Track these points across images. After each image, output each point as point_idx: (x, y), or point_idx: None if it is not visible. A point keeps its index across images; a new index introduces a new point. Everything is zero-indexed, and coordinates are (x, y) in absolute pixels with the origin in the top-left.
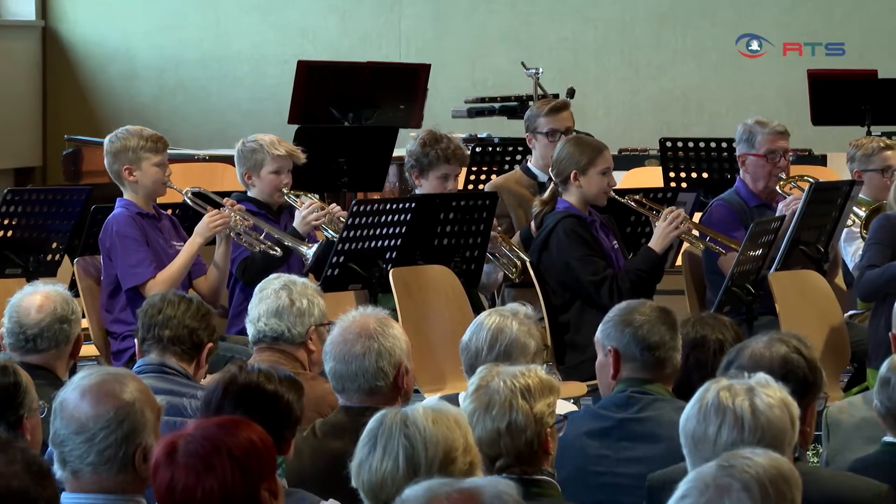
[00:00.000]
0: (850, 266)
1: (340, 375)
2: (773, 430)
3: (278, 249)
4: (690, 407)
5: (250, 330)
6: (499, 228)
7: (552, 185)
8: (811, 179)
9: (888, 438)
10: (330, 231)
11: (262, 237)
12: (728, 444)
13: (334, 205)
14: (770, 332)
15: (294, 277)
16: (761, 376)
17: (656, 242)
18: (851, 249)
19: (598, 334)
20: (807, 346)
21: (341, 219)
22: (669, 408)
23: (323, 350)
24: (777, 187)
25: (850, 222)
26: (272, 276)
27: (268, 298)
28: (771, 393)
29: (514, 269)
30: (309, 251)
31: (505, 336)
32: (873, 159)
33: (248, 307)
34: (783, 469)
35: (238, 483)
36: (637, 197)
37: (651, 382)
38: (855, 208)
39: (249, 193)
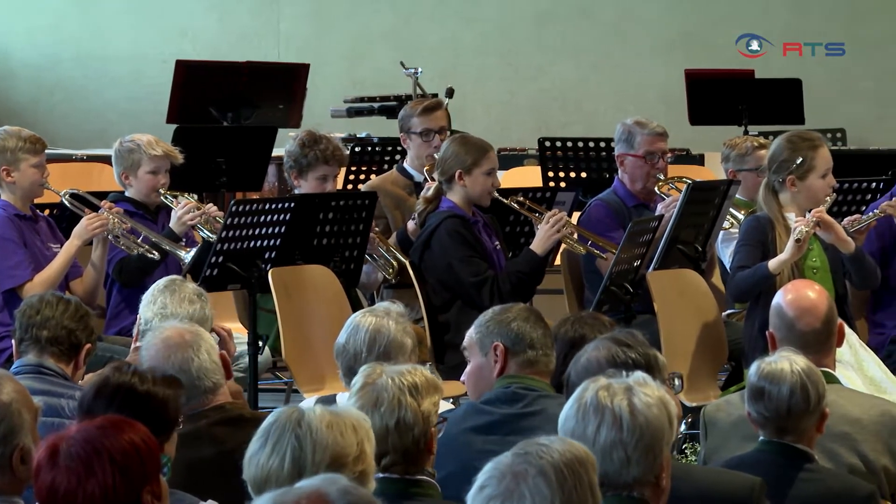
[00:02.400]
0: (728, 267)
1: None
2: (652, 429)
3: (156, 253)
4: (570, 406)
5: (141, 327)
6: (376, 229)
7: (436, 183)
8: (689, 181)
9: (765, 437)
10: (206, 231)
11: (139, 240)
12: (607, 443)
13: (210, 204)
14: (602, 337)
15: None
16: (640, 375)
17: (538, 245)
18: (728, 252)
19: (473, 336)
20: (636, 341)
21: (218, 219)
22: (554, 403)
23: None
24: (655, 188)
25: (727, 224)
26: (175, 276)
27: (185, 301)
28: (649, 392)
29: (390, 270)
30: (187, 256)
31: (383, 336)
32: (748, 159)
33: (142, 304)
34: (578, 453)
35: (119, 487)
36: (520, 198)
37: (536, 378)
38: (732, 209)
39: (127, 193)
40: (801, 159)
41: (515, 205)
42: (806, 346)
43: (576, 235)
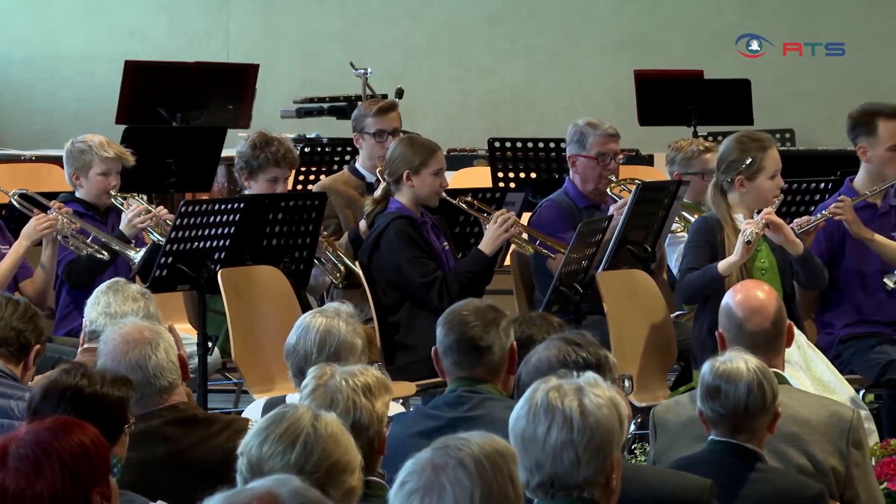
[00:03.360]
0: (675, 270)
1: (138, 383)
2: (602, 430)
3: (105, 253)
4: (520, 407)
5: (86, 328)
6: (324, 233)
7: (384, 184)
8: (639, 181)
9: (715, 437)
10: (156, 234)
11: (89, 241)
12: (558, 444)
13: (161, 207)
14: (553, 338)
15: (128, 282)
16: (590, 375)
17: (486, 245)
18: (675, 256)
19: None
20: (587, 341)
21: (168, 221)
22: (500, 406)
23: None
24: (607, 189)
25: (676, 227)
26: (120, 279)
27: (128, 299)
28: (599, 392)
29: (338, 275)
30: (136, 255)
31: (334, 337)
32: (693, 163)
33: (87, 306)
34: (498, 446)
35: (69, 488)
36: (468, 199)
37: (483, 381)
38: (682, 211)
39: (77, 194)
40: (750, 160)
41: (464, 205)
42: (755, 346)
43: (525, 235)
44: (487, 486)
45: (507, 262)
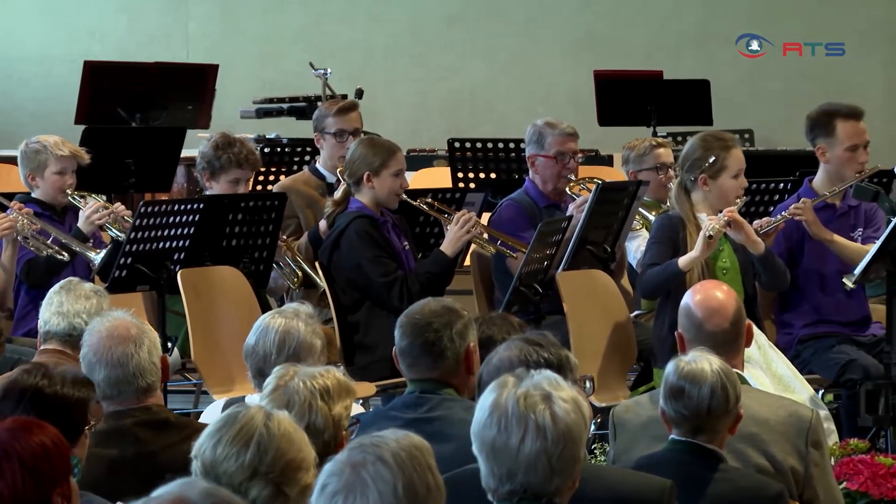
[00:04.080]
0: (634, 264)
1: (117, 380)
2: (573, 436)
3: (65, 254)
4: (486, 414)
5: (41, 329)
6: (283, 237)
7: (344, 185)
8: (599, 181)
9: (675, 437)
10: (115, 230)
11: (49, 241)
12: (532, 454)
13: (118, 203)
14: (514, 338)
15: (81, 281)
16: (550, 374)
17: (447, 245)
18: (633, 247)
19: None
20: (548, 341)
21: (126, 218)
22: (459, 407)
23: (85, 362)
24: (566, 188)
25: (636, 225)
26: (74, 278)
27: (80, 298)
28: (565, 396)
29: (295, 280)
30: (97, 257)
31: (293, 338)
32: (646, 158)
33: (41, 307)
34: (413, 439)
35: (29, 489)
36: (428, 199)
37: (441, 383)
38: (642, 210)
39: (34, 194)
40: (713, 159)
41: (424, 206)
42: (714, 346)
43: (486, 235)
44: (409, 478)
45: (467, 262)
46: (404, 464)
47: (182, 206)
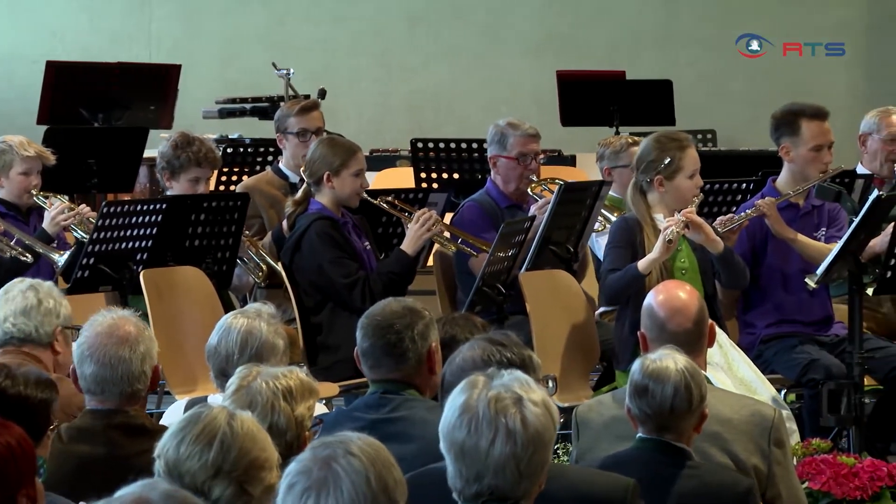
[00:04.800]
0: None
1: (103, 379)
2: (543, 441)
3: (29, 256)
4: (456, 414)
5: None
6: (247, 232)
7: (305, 185)
8: (561, 182)
9: (642, 435)
10: (80, 232)
11: (12, 242)
12: (502, 458)
13: (84, 205)
14: (477, 338)
15: (39, 280)
16: (520, 376)
17: (408, 245)
18: (601, 242)
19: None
20: (511, 341)
21: (91, 219)
22: (421, 407)
23: (78, 352)
24: (528, 189)
25: (598, 226)
26: (16, 279)
27: (15, 299)
28: (535, 398)
29: (260, 274)
30: (60, 258)
31: (255, 338)
32: (622, 156)
33: None
34: (371, 439)
35: None
36: (389, 198)
37: (403, 383)
38: (604, 211)
39: None
40: (668, 159)
41: (385, 205)
42: (677, 346)
43: (447, 234)
44: (378, 470)
45: (430, 262)
46: (372, 457)
47: (144, 207)
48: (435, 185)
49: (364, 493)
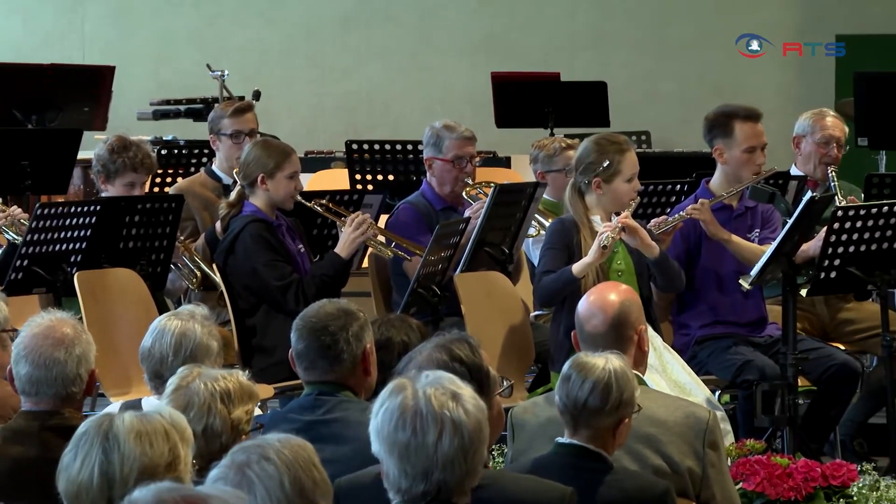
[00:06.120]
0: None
1: (38, 380)
2: (483, 433)
3: None
4: (394, 417)
5: None
6: (181, 238)
7: (239, 187)
8: (495, 184)
9: (560, 439)
10: (11, 233)
11: None
12: (450, 453)
13: (15, 206)
14: (437, 337)
15: None
16: (443, 374)
17: (342, 248)
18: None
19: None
20: (471, 349)
21: (23, 221)
22: (356, 409)
23: (14, 353)
24: (463, 192)
25: (533, 231)
26: None
27: None
28: (468, 394)
29: (194, 280)
30: None
31: (189, 340)
32: (556, 159)
33: None
34: (296, 440)
35: None
36: (323, 201)
37: (337, 385)
38: (538, 216)
39: None
40: (607, 162)
41: (318, 208)
42: (595, 348)
43: (381, 237)
44: (294, 473)
45: (365, 264)
46: (288, 460)
47: (79, 209)
48: (370, 187)
49: (278, 498)
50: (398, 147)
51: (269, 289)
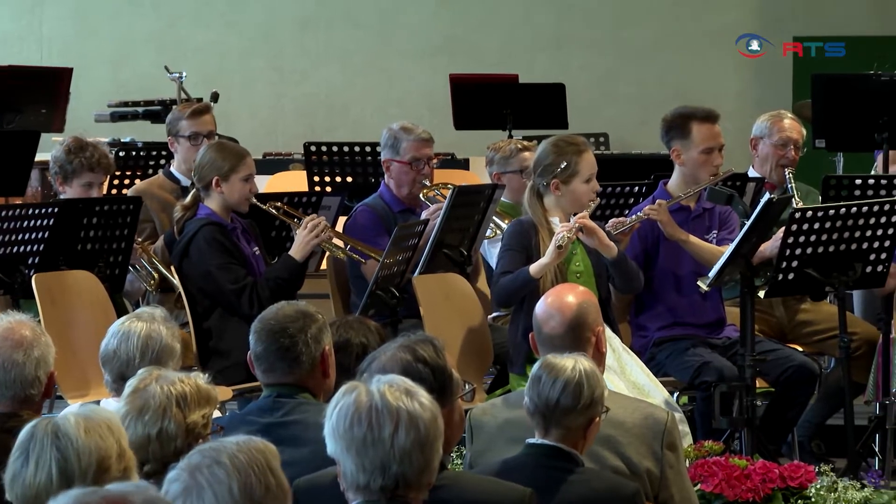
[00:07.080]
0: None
1: None
2: (438, 429)
3: None
4: (349, 414)
5: None
6: (139, 240)
7: (194, 190)
8: (453, 186)
9: (531, 440)
10: None
11: None
12: (406, 443)
13: None
14: (402, 338)
15: None
16: (395, 377)
17: (296, 250)
18: (495, 251)
19: None
20: (436, 350)
21: None
22: (314, 411)
23: None
24: (421, 194)
25: (489, 233)
26: None
27: None
28: (422, 393)
29: (152, 282)
30: None
31: (155, 342)
32: (511, 161)
33: None
34: (254, 442)
35: None
36: (278, 204)
37: (296, 387)
38: (496, 217)
39: None
40: (565, 164)
41: (274, 210)
42: (553, 350)
43: (336, 241)
44: (245, 478)
45: (323, 266)
46: (241, 465)
47: (36, 211)
48: (328, 189)
49: (226, 503)
50: (356, 149)
51: (223, 292)
